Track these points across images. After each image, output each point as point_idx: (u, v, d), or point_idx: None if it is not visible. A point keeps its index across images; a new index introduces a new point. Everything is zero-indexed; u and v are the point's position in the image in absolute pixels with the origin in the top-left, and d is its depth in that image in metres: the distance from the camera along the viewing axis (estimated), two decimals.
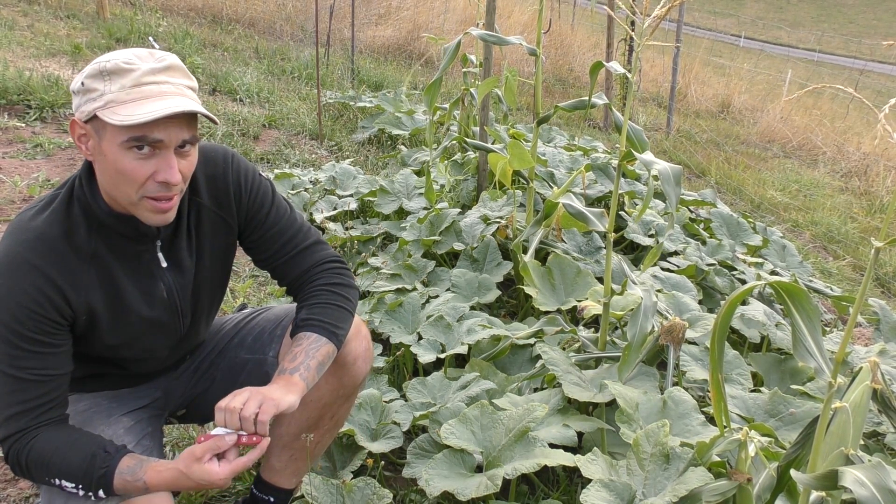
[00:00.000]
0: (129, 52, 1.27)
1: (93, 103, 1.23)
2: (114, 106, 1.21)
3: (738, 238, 3.83)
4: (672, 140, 7.78)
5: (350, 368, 1.59)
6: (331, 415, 1.65)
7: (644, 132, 2.33)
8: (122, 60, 1.23)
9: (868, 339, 3.21)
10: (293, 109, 6.08)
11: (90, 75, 1.24)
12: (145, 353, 1.51)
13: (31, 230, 1.29)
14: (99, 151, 1.26)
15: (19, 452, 1.30)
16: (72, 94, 1.29)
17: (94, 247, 1.34)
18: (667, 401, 1.92)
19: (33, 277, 1.26)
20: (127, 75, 1.23)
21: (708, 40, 16.13)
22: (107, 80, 1.23)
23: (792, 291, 1.37)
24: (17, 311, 1.25)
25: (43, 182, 3.87)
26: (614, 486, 1.59)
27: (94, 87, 1.23)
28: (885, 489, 1.12)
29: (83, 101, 1.24)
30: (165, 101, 1.23)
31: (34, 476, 1.32)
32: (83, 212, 1.33)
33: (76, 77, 1.28)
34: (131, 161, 1.24)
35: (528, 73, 9.00)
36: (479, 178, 3.95)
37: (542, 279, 2.79)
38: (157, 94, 1.24)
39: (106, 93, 1.22)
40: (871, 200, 6.77)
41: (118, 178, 1.26)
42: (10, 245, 1.28)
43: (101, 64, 1.24)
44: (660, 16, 1.94)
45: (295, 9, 10.09)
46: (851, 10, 47.25)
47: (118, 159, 1.24)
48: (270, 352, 1.64)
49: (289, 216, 1.57)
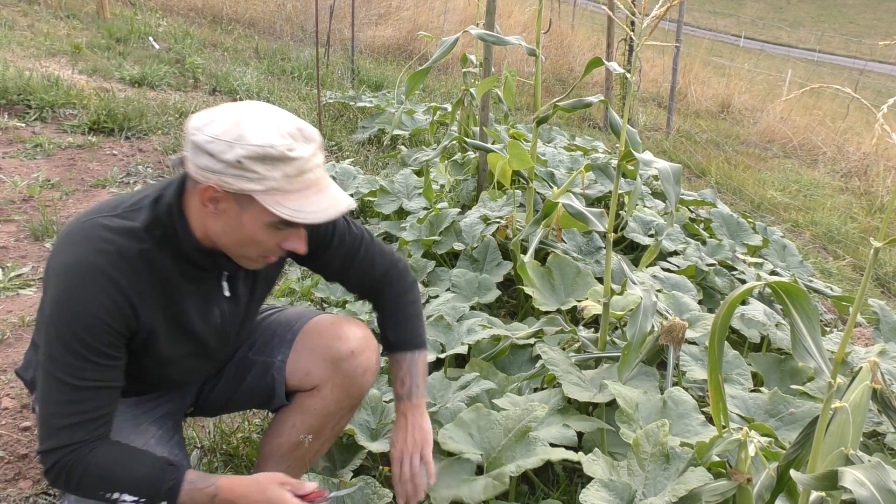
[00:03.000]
0: (281, 127, 1.22)
1: (249, 183, 1.21)
2: (277, 195, 1.22)
3: (738, 238, 3.83)
4: (672, 140, 7.78)
5: (358, 380, 1.61)
6: (332, 424, 1.67)
7: (639, 134, 2.33)
8: (287, 148, 1.21)
9: (868, 339, 3.21)
10: (293, 109, 6.08)
11: (251, 157, 1.19)
12: (186, 374, 1.53)
13: (111, 242, 1.27)
14: (235, 219, 1.27)
15: (72, 465, 1.26)
16: (201, 149, 1.21)
17: (168, 270, 1.33)
18: (667, 401, 1.92)
19: (109, 289, 1.25)
20: (289, 164, 1.22)
21: (708, 40, 16.11)
22: (268, 165, 1.20)
23: (791, 291, 1.37)
24: (88, 321, 1.24)
25: (43, 182, 3.87)
26: (614, 485, 1.59)
27: (254, 170, 1.20)
28: (885, 489, 1.12)
29: (234, 177, 1.20)
30: (327, 197, 1.27)
31: (85, 490, 1.29)
32: (165, 236, 1.32)
33: (210, 130, 1.21)
34: (268, 235, 1.29)
35: (527, 72, 9.00)
36: (478, 178, 3.95)
37: (541, 279, 2.79)
38: (314, 182, 1.26)
39: (268, 178, 1.21)
40: (871, 200, 6.77)
41: (246, 242, 1.30)
42: (84, 253, 1.26)
43: (266, 148, 1.19)
44: (659, 15, 1.94)
45: (295, 9, 10.09)
46: (851, 10, 47.24)
47: (257, 232, 1.28)
48: (279, 356, 1.63)
49: (350, 236, 1.59)
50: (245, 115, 1.23)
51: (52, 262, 1.29)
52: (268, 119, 1.23)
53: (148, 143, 4.75)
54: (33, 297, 2.83)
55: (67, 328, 1.24)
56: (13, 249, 3.20)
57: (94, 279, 1.24)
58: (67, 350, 1.24)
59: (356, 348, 1.59)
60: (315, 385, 1.61)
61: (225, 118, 1.22)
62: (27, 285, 2.92)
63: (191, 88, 6.35)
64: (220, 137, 1.20)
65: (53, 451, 1.26)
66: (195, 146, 1.22)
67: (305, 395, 1.63)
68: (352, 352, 1.59)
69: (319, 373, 1.59)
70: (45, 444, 1.27)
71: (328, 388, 1.60)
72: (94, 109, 4.90)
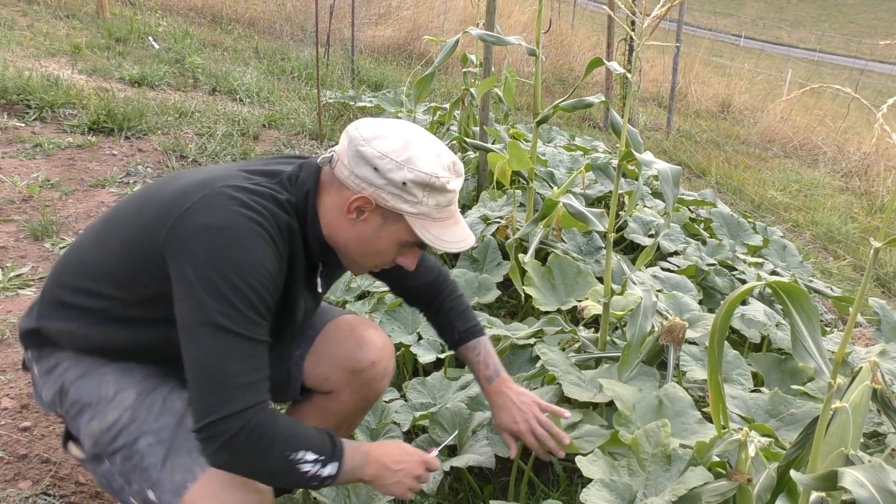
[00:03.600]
0: (443, 159, 1.31)
1: (405, 204, 1.29)
2: (425, 220, 1.31)
3: (739, 238, 3.83)
4: (672, 140, 7.78)
5: (375, 386, 1.64)
6: (347, 425, 1.69)
7: (639, 133, 2.32)
8: (446, 182, 1.30)
9: (868, 340, 3.21)
10: (293, 109, 6.08)
11: (418, 182, 1.27)
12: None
13: (261, 205, 1.25)
14: (373, 231, 1.33)
15: (263, 424, 1.20)
16: (367, 161, 1.27)
17: (296, 249, 1.35)
18: (662, 399, 1.91)
19: (270, 244, 1.25)
20: (444, 195, 1.31)
21: (708, 40, 16.12)
22: (427, 192, 1.29)
23: (791, 292, 1.36)
24: (259, 271, 1.21)
25: (42, 182, 3.87)
26: (615, 486, 1.59)
27: (414, 194, 1.28)
28: (885, 490, 1.12)
29: (393, 195, 1.28)
30: (461, 230, 1.36)
31: (273, 452, 1.22)
32: (298, 220, 1.34)
33: (380, 146, 1.27)
34: (395, 250, 1.36)
35: (528, 72, 9.00)
36: (478, 178, 3.95)
37: (542, 279, 2.79)
38: (454, 214, 1.36)
39: (423, 203, 1.29)
40: (871, 200, 6.77)
41: (372, 252, 1.36)
42: (237, 211, 1.22)
43: (433, 178, 1.28)
44: (659, 15, 1.94)
45: (295, 9, 10.09)
46: (852, 9, 47.23)
47: (387, 246, 1.35)
48: (297, 350, 1.61)
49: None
50: (412, 138, 1.30)
51: (187, 227, 1.22)
52: (433, 148, 1.32)
53: (148, 142, 4.75)
54: (33, 297, 2.83)
55: (241, 280, 1.19)
56: (13, 249, 3.20)
57: (255, 232, 1.22)
58: (245, 304, 1.19)
59: (377, 359, 1.60)
60: (333, 390, 1.62)
61: (394, 136, 1.29)
62: (27, 285, 2.92)
63: (190, 88, 6.35)
64: (389, 156, 1.26)
65: (242, 412, 1.18)
66: (361, 156, 1.27)
67: (323, 397, 1.64)
68: (372, 363, 1.60)
69: (338, 379, 1.60)
70: (231, 406, 1.17)
71: (346, 393, 1.62)
72: (94, 109, 4.90)
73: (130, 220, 1.34)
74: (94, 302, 1.35)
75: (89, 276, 1.36)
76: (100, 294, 1.34)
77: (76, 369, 1.38)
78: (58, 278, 1.41)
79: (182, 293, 1.22)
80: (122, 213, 1.38)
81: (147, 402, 1.34)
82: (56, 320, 1.39)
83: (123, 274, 1.32)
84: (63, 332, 1.38)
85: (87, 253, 1.39)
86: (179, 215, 1.23)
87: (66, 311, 1.37)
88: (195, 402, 1.20)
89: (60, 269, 1.42)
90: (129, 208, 1.38)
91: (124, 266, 1.32)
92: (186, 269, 1.20)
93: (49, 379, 1.41)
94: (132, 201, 1.39)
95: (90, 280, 1.35)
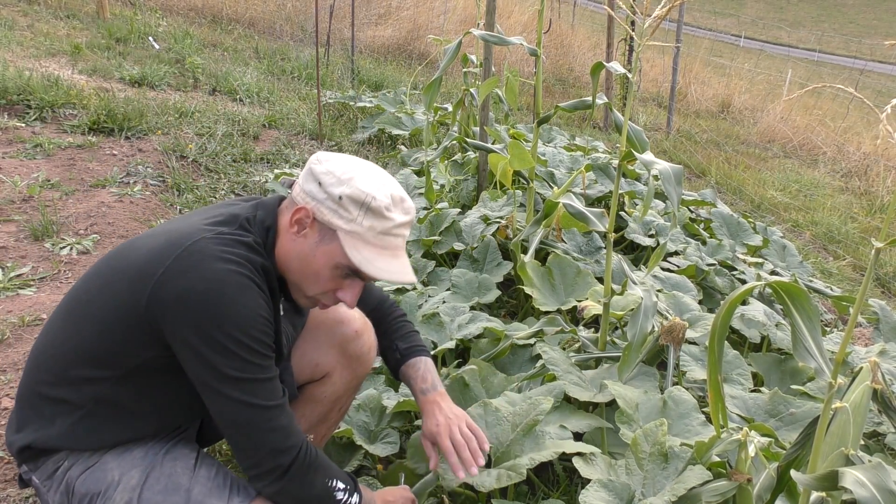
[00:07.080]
0: (389, 189, 1.32)
1: (339, 219, 1.30)
2: (356, 241, 1.30)
3: (739, 238, 3.83)
4: (672, 140, 7.79)
5: (363, 359, 1.68)
6: (339, 407, 1.73)
7: (644, 132, 2.33)
8: (385, 207, 1.30)
9: (868, 340, 3.21)
10: (293, 109, 6.08)
11: (353, 198, 1.29)
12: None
13: (235, 254, 1.27)
14: (311, 249, 1.33)
15: (312, 456, 1.34)
16: (314, 176, 1.32)
17: (274, 286, 1.36)
18: (667, 400, 1.91)
19: (258, 292, 1.28)
20: (380, 220, 1.30)
21: (708, 40, 16.13)
22: (362, 211, 1.29)
23: (792, 292, 1.37)
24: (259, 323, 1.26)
25: (42, 182, 3.87)
26: (613, 485, 1.59)
27: (349, 210, 1.29)
28: (885, 490, 1.12)
29: (330, 210, 1.30)
30: (397, 264, 1.34)
31: (317, 480, 1.36)
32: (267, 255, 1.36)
33: (328, 165, 1.32)
34: (331, 277, 1.35)
35: (528, 73, 9.00)
36: (479, 178, 3.95)
37: (542, 279, 2.79)
38: (393, 247, 1.34)
39: (357, 221, 1.30)
40: (871, 200, 6.77)
41: (309, 275, 1.35)
42: (218, 266, 1.24)
43: (369, 197, 1.29)
44: (660, 16, 1.94)
45: (295, 9, 10.09)
46: (852, 10, 47.25)
47: (322, 269, 1.34)
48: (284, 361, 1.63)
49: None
50: (366, 167, 1.34)
51: (170, 293, 1.23)
52: (381, 178, 1.34)
53: (148, 143, 4.75)
54: (33, 298, 2.83)
55: (243, 334, 1.24)
56: (13, 249, 3.20)
57: (243, 284, 1.25)
58: (250, 353, 1.25)
59: (360, 328, 1.65)
60: (325, 373, 1.65)
61: (347, 162, 1.34)
62: (27, 285, 2.92)
63: (191, 88, 6.35)
64: (335, 172, 1.31)
65: (289, 448, 1.30)
66: (310, 172, 1.33)
67: (315, 384, 1.66)
68: (356, 332, 1.65)
69: (329, 360, 1.64)
70: (289, 441, 1.30)
71: (337, 373, 1.66)
72: (94, 109, 4.90)
73: (99, 298, 1.32)
74: (80, 391, 1.32)
75: (68, 365, 1.32)
76: (84, 379, 1.31)
77: (79, 465, 1.35)
78: (34, 378, 1.37)
79: (190, 359, 1.26)
80: (86, 295, 1.36)
81: (151, 480, 1.34)
82: (44, 427, 1.34)
83: (105, 352, 1.30)
84: (57, 436, 1.34)
85: (59, 344, 1.35)
86: (157, 281, 1.24)
87: (52, 409, 1.33)
88: (244, 450, 1.30)
89: (32, 369, 1.38)
90: (91, 288, 1.36)
91: (104, 344, 1.30)
92: (187, 335, 1.23)
93: (53, 483, 1.37)
94: (93, 280, 1.37)
95: (70, 368, 1.32)
